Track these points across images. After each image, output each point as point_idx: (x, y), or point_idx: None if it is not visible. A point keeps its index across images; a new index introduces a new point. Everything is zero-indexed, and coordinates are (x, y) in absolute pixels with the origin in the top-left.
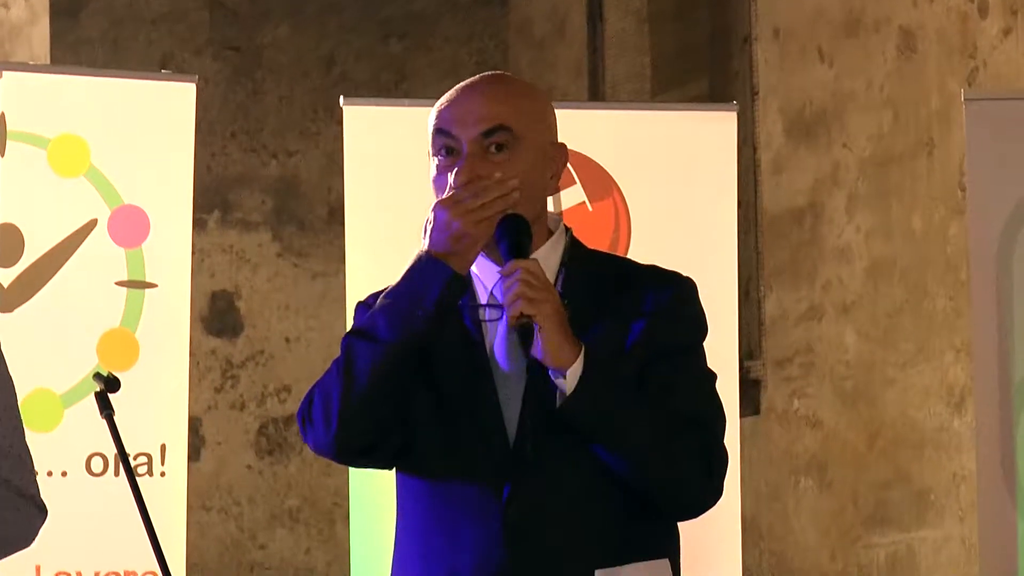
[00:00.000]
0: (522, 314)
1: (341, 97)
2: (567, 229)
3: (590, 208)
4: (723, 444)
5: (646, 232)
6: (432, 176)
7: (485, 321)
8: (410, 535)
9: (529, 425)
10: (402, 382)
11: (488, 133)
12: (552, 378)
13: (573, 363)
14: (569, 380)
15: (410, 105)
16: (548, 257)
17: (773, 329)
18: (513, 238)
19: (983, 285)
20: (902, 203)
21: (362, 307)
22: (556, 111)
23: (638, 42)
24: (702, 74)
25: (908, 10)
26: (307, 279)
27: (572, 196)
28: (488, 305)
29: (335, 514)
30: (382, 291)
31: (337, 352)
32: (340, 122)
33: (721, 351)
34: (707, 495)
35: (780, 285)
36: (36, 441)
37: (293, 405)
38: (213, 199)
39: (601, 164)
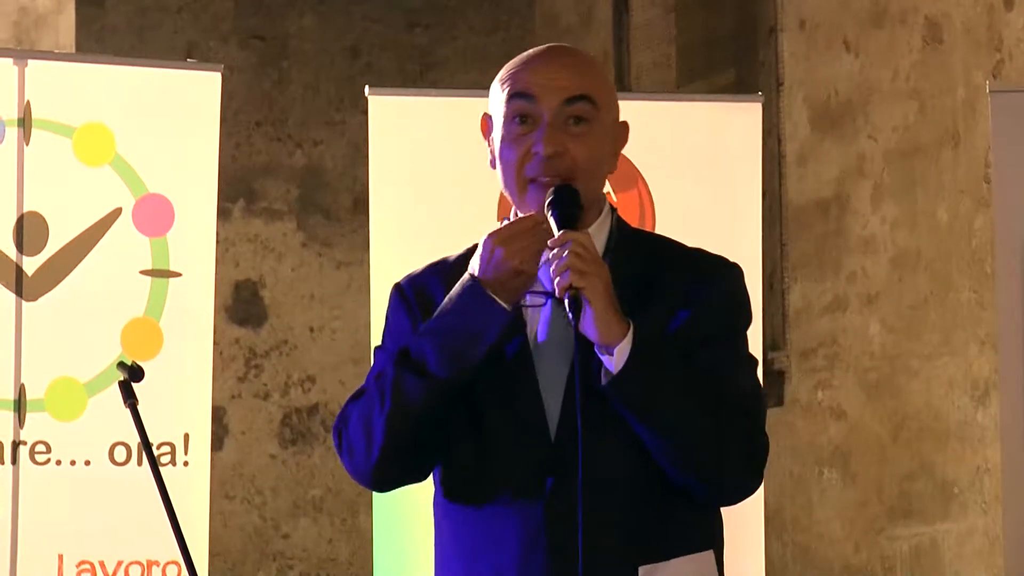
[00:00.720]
0: (571, 286)
1: (366, 87)
2: (612, 209)
3: (615, 198)
4: (765, 431)
5: (671, 223)
6: (497, 144)
7: (527, 307)
8: (451, 533)
9: (571, 418)
10: (448, 412)
11: (571, 101)
12: (599, 354)
13: (622, 340)
14: (617, 357)
15: (435, 95)
16: (595, 238)
17: (797, 320)
18: (566, 208)
19: (1008, 278)
20: (927, 195)
21: (380, 352)
22: None
23: (664, 32)
24: (728, 65)
25: (934, 1)
26: (331, 269)
27: None
28: (532, 292)
29: (358, 504)
30: (396, 332)
31: (360, 342)
32: (365, 112)
33: None
34: (749, 481)
35: (805, 276)
36: (60, 430)
37: (317, 395)
38: (238, 188)
39: (626, 154)
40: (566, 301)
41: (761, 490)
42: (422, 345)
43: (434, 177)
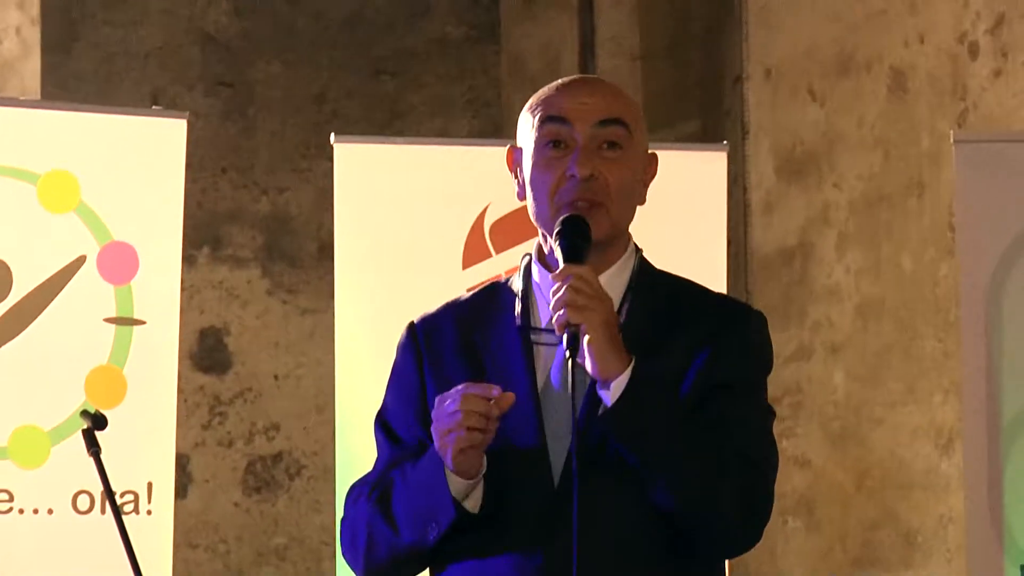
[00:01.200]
0: (568, 323)
1: (332, 135)
2: (637, 249)
3: None
4: (772, 488)
5: None
6: (529, 170)
7: (541, 345)
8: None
9: (575, 464)
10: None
11: (605, 123)
12: (598, 390)
13: (620, 375)
14: (614, 391)
15: (402, 143)
16: (617, 276)
17: None
18: (572, 240)
19: (973, 326)
20: (892, 243)
21: (378, 426)
22: None
23: (630, 81)
24: (693, 113)
25: (899, 51)
26: (296, 316)
27: None
28: (545, 329)
29: (323, 552)
30: (400, 374)
31: (325, 390)
32: (331, 159)
33: None
34: (747, 537)
35: (769, 324)
36: (22, 478)
37: (281, 443)
38: (203, 235)
39: None
40: (564, 337)
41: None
42: (396, 501)
43: (400, 225)
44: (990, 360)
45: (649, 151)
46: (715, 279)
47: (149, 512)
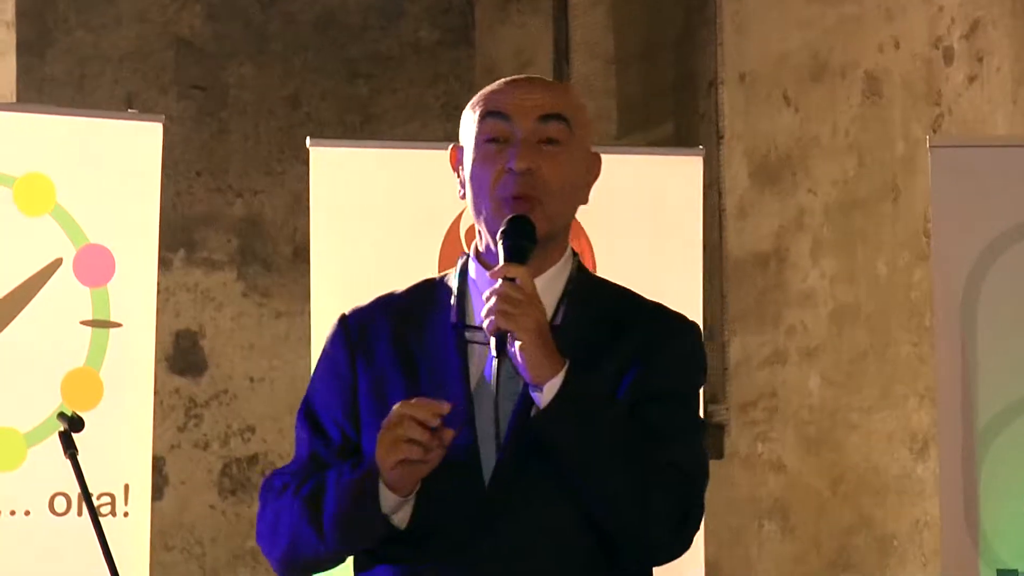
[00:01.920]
0: (498, 328)
1: (308, 138)
2: (574, 254)
3: None
4: (702, 497)
5: (611, 274)
6: (469, 166)
7: (475, 343)
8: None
9: (506, 465)
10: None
11: (546, 119)
12: (531, 393)
13: (553, 377)
14: (546, 394)
15: (376, 146)
16: (553, 282)
17: (737, 373)
18: (515, 240)
19: (947, 331)
20: (867, 248)
21: (303, 417)
22: None
23: (604, 84)
24: (668, 117)
25: (874, 56)
26: (271, 318)
27: None
28: (480, 327)
29: None
30: (329, 366)
31: (300, 392)
32: (305, 162)
33: None
34: (676, 545)
35: (744, 329)
36: None
37: (256, 445)
38: (178, 238)
39: None
40: (493, 342)
41: (701, 543)
42: (326, 508)
43: (374, 228)
44: (965, 365)
45: (594, 152)
46: (690, 283)
47: (126, 514)
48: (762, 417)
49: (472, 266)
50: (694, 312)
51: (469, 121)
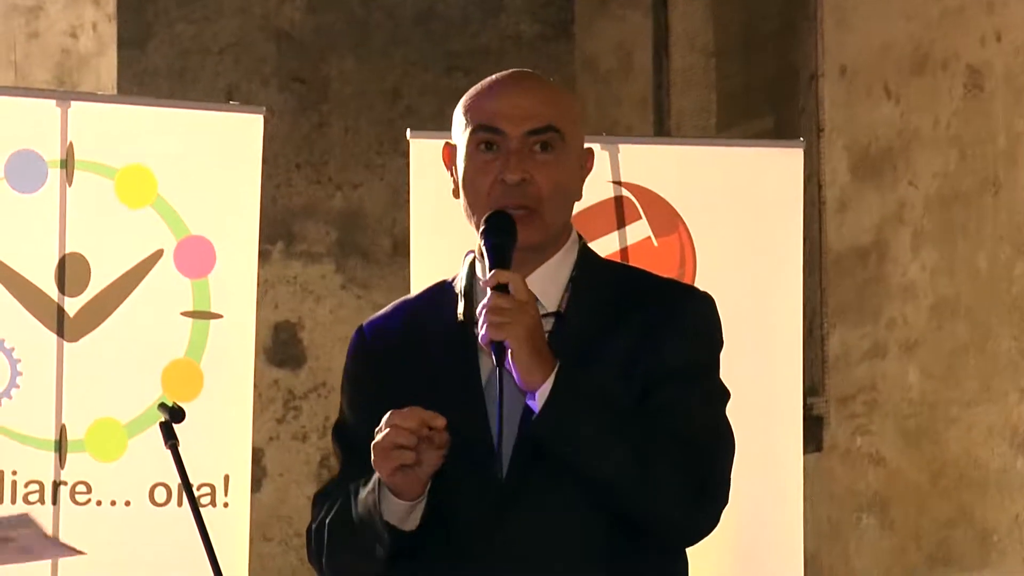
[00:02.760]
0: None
1: (408, 130)
2: (579, 238)
3: (655, 243)
4: (723, 468)
5: (711, 268)
6: (462, 173)
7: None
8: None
9: (522, 458)
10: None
11: (536, 132)
12: (527, 400)
13: (544, 383)
14: (538, 400)
15: None
16: (557, 270)
17: (836, 366)
18: (494, 239)
19: None
20: (967, 242)
21: (335, 435)
22: (621, 146)
23: (704, 77)
24: (767, 110)
25: (976, 49)
26: (369, 311)
27: (637, 231)
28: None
29: None
30: (353, 379)
31: None
32: (404, 155)
33: (785, 388)
34: (696, 522)
35: (844, 322)
36: (100, 470)
37: None
38: (277, 230)
39: (666, 199)
40: (492, 351)
41: (799, 536)
42: (345, 531)
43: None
44: None
45: (587, 147)
46: (791, 276)
47: (226, 504)
48: (861, 411)
49: (479, 266)
50: (794, 305)
51: (460, 125)
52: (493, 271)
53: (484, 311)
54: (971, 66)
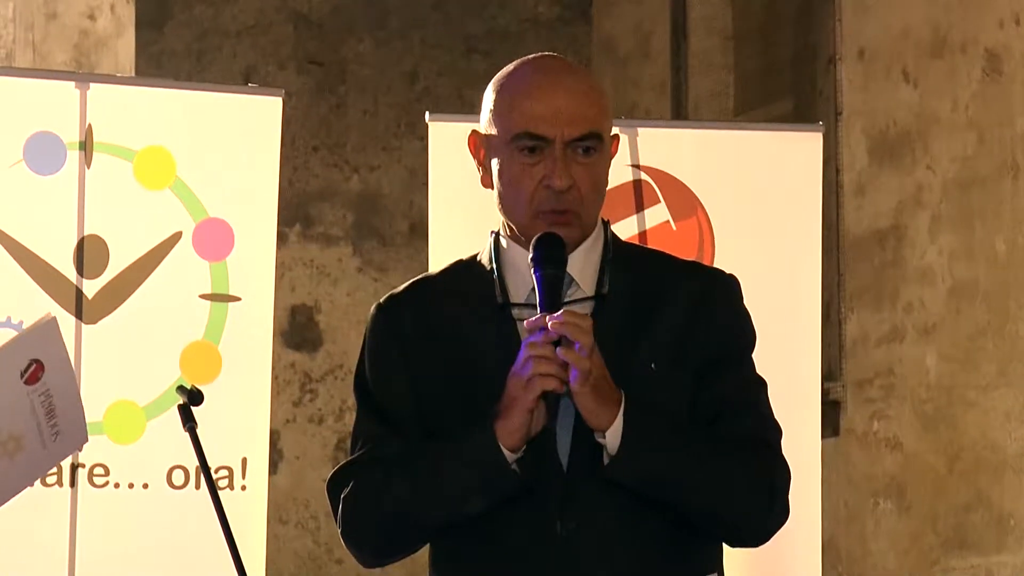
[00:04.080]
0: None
1: (427, 113)
2: (605, 224)
3: (674, 227)
4: (783, 459)
5: (729, 251)
6: (501, 172)
7: (522, 321)
8: (449, 557)
9: (584, 449)
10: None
11: (582, 139)
12: (596, 437)
13: (612, 422)
14: (610, 441)
15: None
16: (590, 253)
17: (854, 350)
18: (544, 267)
19: None
20: (985, 226)
21: (366, 412)
22: (640, 129)
23: (722, 61)
24: (786, 94)
25: (995, 32)
26: (386, 294)
27: (656, 215)
28: (525, 304)
29: None
30: (376, 358)
31: None
32: (422, 137)
33: (802, 372)
34: (771, 522)
35: (861, 306)
36: (118, 452)
37: None
38: (294, 213)
39: (685, 182)
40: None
41: (817, 520)
42: (423, 477)
43: (493, 204)
44: None
45: (613, 134)
46: (809, 261)
47: (243, 487)
48: (879, 395)
49: (504, 243)
50: (812, 290)
51: (497, 118)
52: (552, 321)
53: (528, 364)
54: (989, 49)
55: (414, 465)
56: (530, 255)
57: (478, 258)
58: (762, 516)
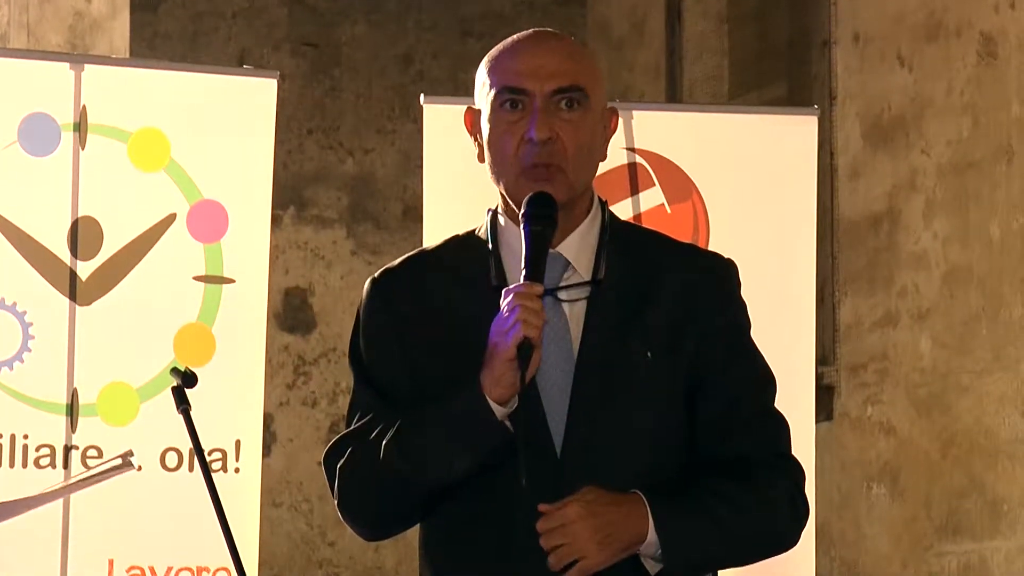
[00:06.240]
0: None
1: (422, 95)
2: (603, 203)
3: (668, 210)
4: (795, 461)
5: (724, 234)
6: (487, 135)
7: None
8: (443, 549)
9: (577, 430)
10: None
11: (562, 91)
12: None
13: (645, 537)
14: (645, 551)
15: None
16: (586, 236)
17: (848, 335)
18: (533, 224)
19: None
20: (980, 210)
21: (361, 383)
22: (635, 112)
23: (717, 44)
24: (780, 77)
25: (990, 16)
26: (381, 268)
27: (651, 198)
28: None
29: None
30: (372, 331)
31: None
32: (416, 120)
33: (796, 356)
34: (800, 528)
35: (855, 291)
36: (111, 434)
37: None
38: (289, 195)
39: (680, 166)
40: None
41: (810, 505)
42: (415, 440)
43: (487, 186)
44: None
45: (610, 107)
46: (804, 244)
47: (237, 470)
48: (873, 379)
49: (502, 220)
50: (807, 274)
51: (483, 86)
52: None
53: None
54: (985, 33)
55: (404, 428)
56: (521, 211)
57: (476, 233)
58: (794, 532)
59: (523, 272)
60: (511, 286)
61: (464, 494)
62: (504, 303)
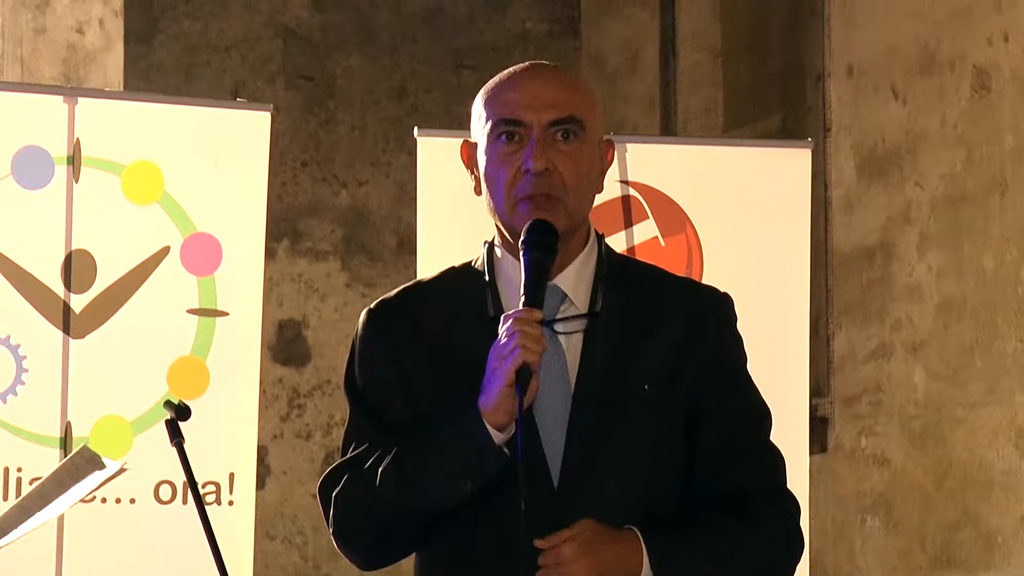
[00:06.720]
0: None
1: (415, 128)
2: (599, 236)
3: (663, 243)
4: (791, 494)
5: (718, 267)
6: (483, 167)
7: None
8: (434, 570)
9: (575, 461)
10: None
11: (559, 122)
12: None
13: (641, 568)
14: None
15: None
16: (583, 268)
17: (842, 367)
18: (532, 251)
19: None
20: (974, 243)
21: (357, 412)
22: (629, 145)
23: (711, 77)
24: (775, 110)
25: (983, 49)
26: (377, 299)
27: (645, 231)
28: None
29: None
30: (368, 363)
31: None
32: (411, 152)
33: (791, 388)
34: (796, 560)
35: (849, 323)
36: None
37: None
38: (283, 228)
39: (674, 199)
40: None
41: (804, 537)
42: (417, 468)
43: (481, 218)
44: None
45: (606, 139)
46: (797, 277)
47: (231, 503)
48: (867, 411)
49: (499, 252)
50: (801, 306)
51: (479, 119)
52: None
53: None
54: (978, 67)
55: (401, 454)
56: (521, 238)
57: (472, 265)
58: (790, 566)
59: (522, 298)
60: (510, 312)
61: (460, 523)
62: (503, 328)
